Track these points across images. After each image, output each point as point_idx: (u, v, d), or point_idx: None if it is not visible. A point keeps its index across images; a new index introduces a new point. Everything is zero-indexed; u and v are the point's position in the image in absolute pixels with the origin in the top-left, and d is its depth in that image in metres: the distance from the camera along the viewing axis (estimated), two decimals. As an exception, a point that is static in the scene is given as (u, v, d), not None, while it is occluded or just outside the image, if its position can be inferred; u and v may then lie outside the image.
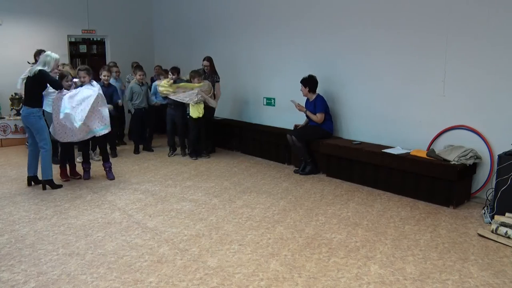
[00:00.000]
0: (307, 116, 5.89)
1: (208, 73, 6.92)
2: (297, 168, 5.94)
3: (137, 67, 7.31)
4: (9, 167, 6.24)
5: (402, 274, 3.05)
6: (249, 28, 7.30)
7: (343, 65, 5.84)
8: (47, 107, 5.63)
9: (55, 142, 5.56)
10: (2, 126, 7.72)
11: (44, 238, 3.69)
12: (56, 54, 5.09)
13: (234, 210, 4.38)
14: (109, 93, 6.41)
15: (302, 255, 3.34)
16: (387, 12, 5.25)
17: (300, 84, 5.84)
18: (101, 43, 9.97)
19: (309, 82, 5.80)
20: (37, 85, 4.93)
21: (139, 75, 7.04)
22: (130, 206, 4.52)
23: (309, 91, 5.82)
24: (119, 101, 6.76)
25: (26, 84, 5.00)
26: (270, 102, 7.08)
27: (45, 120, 5.09)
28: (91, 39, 9.99)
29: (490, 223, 3.92)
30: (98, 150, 6.50)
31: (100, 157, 6.09)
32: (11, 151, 7.34)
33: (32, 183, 5.24)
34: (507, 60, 4.28)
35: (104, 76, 6.52)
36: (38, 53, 6.48)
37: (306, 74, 5.87)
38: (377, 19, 5.36)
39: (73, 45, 9.79)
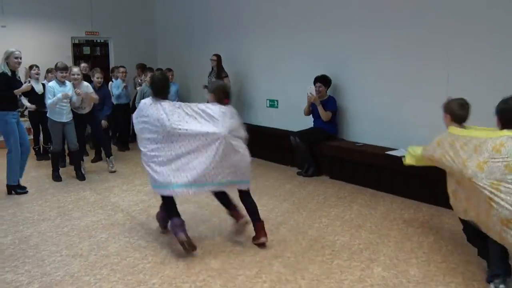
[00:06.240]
0: (318, 110, 5.77)
1: (215, 69, 7.14)
2: (300, 170, 5.93)
3: (148, 69, 7.26)
4: (13, 168, 6.25)
5: (406, 277, 3.05)
6: (252, 29, 7.29)
7: (346, 67, 5.83)
8: (54, 115, 5.33)
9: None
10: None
11: (48, 239, 3.71)
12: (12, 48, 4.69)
13: (237, 212, 4.38)
14: (100, 96, 6.00)
15: (305, 257, 3.34)
16: (390, 13, 5.24)
17: (318, 84, 5.76)
18: (104, 45, 9.99)
19: (328, 82, 5.82)
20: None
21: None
22: (134, 208, 4.53)
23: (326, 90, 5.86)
24: (102, 121, 6.23)
25: None
26: (273, 104, 7.08)
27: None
28: (95, 40, 10.02)
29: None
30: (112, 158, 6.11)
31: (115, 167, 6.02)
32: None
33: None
34: None
35: (97, 78, 6.15)
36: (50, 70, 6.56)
37: (309, 76, 5.86)
38: (380, 21, 5.35)
39: (77, 47, 9.82)
